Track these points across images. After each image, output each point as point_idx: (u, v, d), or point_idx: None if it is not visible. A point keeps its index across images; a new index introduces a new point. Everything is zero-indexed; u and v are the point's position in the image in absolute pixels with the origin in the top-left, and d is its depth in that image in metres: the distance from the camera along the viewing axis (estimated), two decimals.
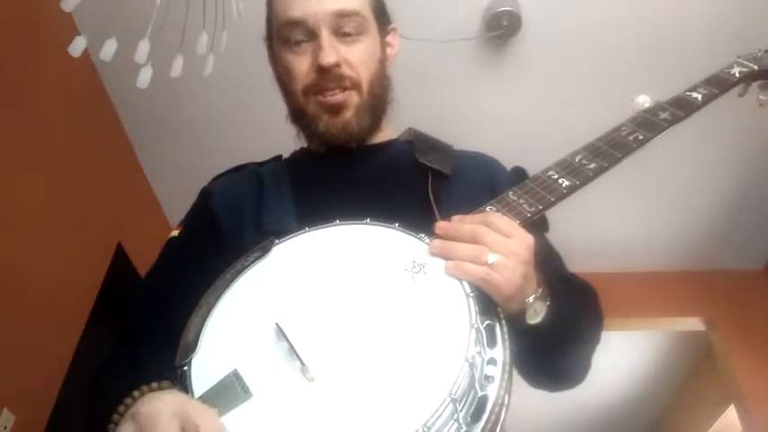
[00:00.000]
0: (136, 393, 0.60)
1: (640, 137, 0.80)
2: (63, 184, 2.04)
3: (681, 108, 0.84)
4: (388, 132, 0.99)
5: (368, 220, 0.74)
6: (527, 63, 2.19)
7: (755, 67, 0.95)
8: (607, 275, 2.91)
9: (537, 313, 0.69)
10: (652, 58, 2.14)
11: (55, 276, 1.91)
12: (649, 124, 0.81)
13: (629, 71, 2.18)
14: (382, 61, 0.94)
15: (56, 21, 1.86)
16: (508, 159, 1.02)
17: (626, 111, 0.88)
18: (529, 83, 2.26)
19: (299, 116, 0.93)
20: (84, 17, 1.92)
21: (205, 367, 0.62)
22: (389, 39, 0.98)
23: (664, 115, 0.83)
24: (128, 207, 2.49)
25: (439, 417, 0.54)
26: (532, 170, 0.93)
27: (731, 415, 3.35)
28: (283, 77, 0.94)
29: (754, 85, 1.00)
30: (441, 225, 0.70)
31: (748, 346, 2.81)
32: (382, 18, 0.96)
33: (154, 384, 0.61)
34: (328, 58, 0.85)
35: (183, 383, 0.61)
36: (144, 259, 2.38)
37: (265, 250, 0.73)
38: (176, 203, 2.79)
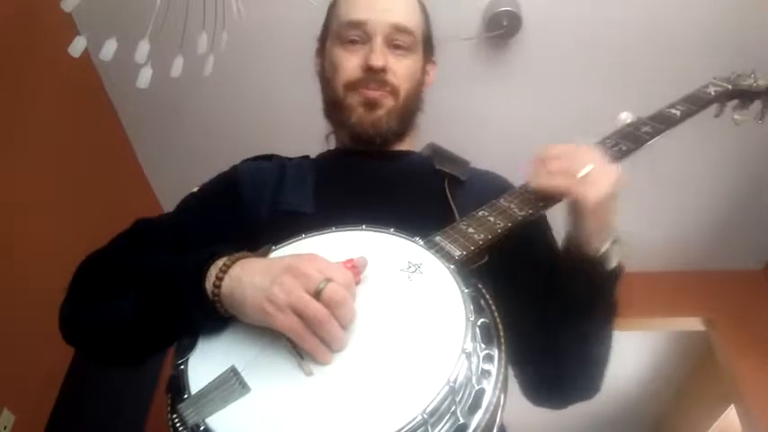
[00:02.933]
0: (227, 259, 0.65)
1: (624, 148, 0.86)
2: (63, 183, 2.04)
3: (661, 122, 0.92)
4: (410, 146, 1.04)
5: (363, 226, 0.76)
6: (527, 63, 2.19)
7: (729, 87, 1.04)
8: None
9: (615, 257, 0.76)
10: (652, 57, 2.14)
11: (55, 276, 1.90)
12: (632, 137, 0.89)
13: (630, 70, 2.18)
14: (420, 83, 1.01)
15: (56, 21, 1.86)
16: (508, 159, 1.02)
17: (625, 110, 0.91)
18: (529, 83, 2.26)
19: (334, 108, 0.98)
20: (84, 17, 1.92)
21: (202, 366, 0.62)
22: (429, 69, 1.06)
23: (645, 129, 0.90)
24: (128, 207, 2.49)
25: (438, 404, 0.54)
26: None
27: (731, 415, 3.35)
28: (328, 71, 1.00)
29: (729, 105, 1.07)
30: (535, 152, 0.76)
31: (748, 346, 2.81)
32: (428, 48, 1.06)
33: (245, 252, 0.67)
34: (378, 60, 0.92)
35: (179, 382, 0.61)
36: None
37: (262, 256, 0.74)
38: (176, 203, 2.79)
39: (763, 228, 2.81)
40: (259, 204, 0.90)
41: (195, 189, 0.97)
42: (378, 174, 0.95)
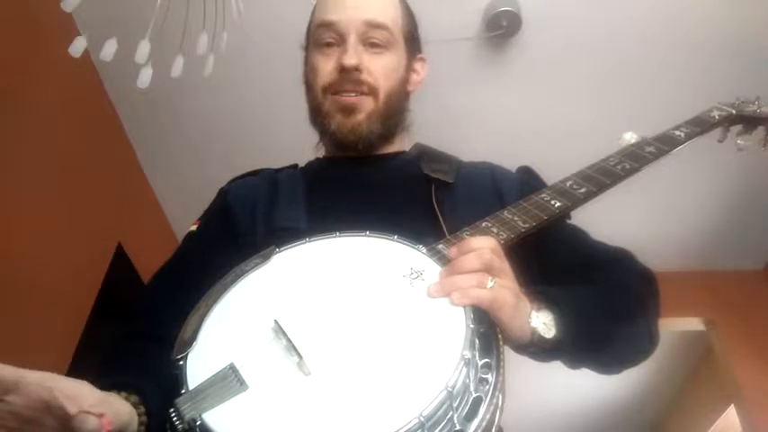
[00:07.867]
0: None
1: (627, 166, 0.87)
2: (63, 184, 2.04)
3: (665, 143, 0.93)
4: (399, 147, 1.02)
5: (367, 232, 0.76)
6: (527, 63, 2.19)
7: (733, 111, 1.05)
8: None
9: (548, 326, 0.68)
10: (652, 57, 2.14)
11: (55, 276, 1.91)
12: (636, 156, 0.90)
13: (629, 71, 2.18)
14: (404, 81, 0.99)
15: (56, 21, 1.86)
16: (508, 159, 1.03)
17: (625, 110, 0.91)
18: (529, 83, 2.26)
19: (316, 114, 0.97)
20: (84, 17, 1.92)
21: (201, 362, 0.63)
22: (417, 66, 1.03)
23: (649, 149, 0.91)
24: (128, 207, 2.49)
25: (435, 408, 0.54)
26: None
27: (731, 415, 3.35)
28: (309, 76, 0.99)
29: (733, 130, 1.09)
30: (443, 272, 0.68)
31: (748, 346, 2.81)
32: (412, 44, 1.02)
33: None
34: (350, 59, 0.90)
35: (177, 377, 0.61)
36: (144, 259, 2.38)
37: (266, 258, 0.75)
38: (176, 203, 2.79)
39: (763, 228, 2.81)
40: (255, 225, 0.90)
41: (193, 227, 0.96)
42: (367, 180, 0.94)
